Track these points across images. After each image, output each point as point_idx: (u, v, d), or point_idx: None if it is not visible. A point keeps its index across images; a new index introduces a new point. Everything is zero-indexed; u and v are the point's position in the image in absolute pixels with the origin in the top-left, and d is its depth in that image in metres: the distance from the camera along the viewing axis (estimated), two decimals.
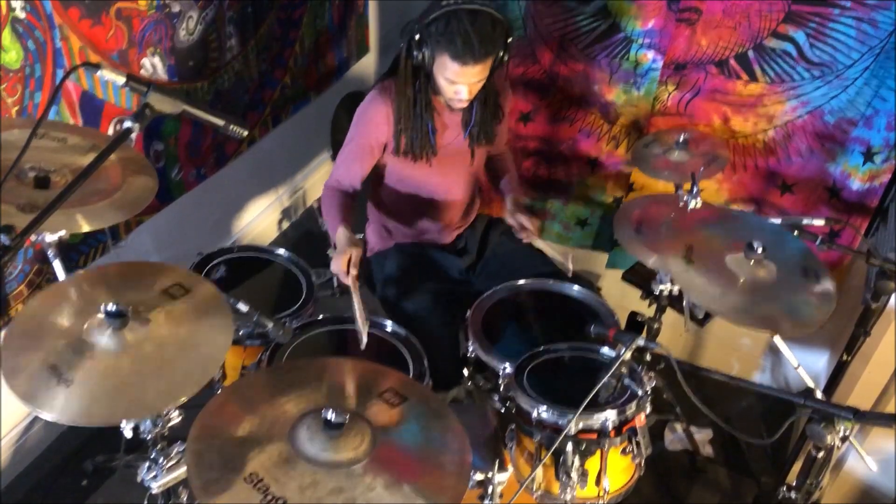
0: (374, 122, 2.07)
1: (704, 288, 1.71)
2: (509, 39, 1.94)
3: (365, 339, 1.83)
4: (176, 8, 2.30)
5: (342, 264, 1.90)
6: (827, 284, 1.76)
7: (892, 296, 1.91)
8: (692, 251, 1.78)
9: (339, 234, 1.99)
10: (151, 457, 1.52)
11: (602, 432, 1.65)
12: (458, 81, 1.92)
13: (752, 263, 1.75)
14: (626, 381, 1.64)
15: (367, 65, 3.52)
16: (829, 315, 1.70)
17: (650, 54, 2.48)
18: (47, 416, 1.27)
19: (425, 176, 2.18)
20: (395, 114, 2.05)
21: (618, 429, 1.66)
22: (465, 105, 2.03)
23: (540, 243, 2.17)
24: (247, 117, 2.83)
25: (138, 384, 1.33)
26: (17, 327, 1.40)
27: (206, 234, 2.86)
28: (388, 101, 2.05)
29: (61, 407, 1.27)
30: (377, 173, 2.21)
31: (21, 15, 1.85)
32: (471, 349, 1.95)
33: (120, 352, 1.36)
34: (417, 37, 1.89)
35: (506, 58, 1.96)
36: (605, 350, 1.83)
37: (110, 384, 1.32)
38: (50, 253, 1.81)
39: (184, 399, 1.32)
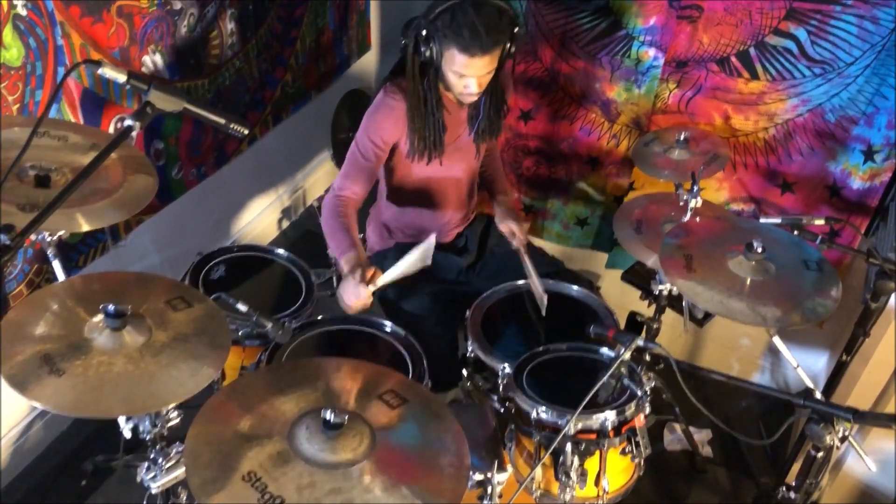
0: (387, 123, 2.04)
1: (711, 295, 1.71)
2: (516, 30, 1.93)
3: None
4: (177, 5, 2.30)
5: (366, 276, 1.83)
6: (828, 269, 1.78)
7: (892, 296, 1.90)
8: (692, 260, 1.78)
9: (352, 260, 1.91)
10: (151, 457, 1.53)
11: (601, 432, 1.65)
12: (468, 74, 1.91)
13: (753, 264, 1.75)
14: (626, 381, 1.64)
15: (369, 63, 3.51)
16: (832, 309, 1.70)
17: (651, 52, 2.48)
18: (35, 403, 1.28)
19: (433, 174, 2.17)
20: (409, 113, 2.03)
21: (617, 429, 1.66)
22: (474, 99, 2.02)
23: (529, 266, 2.13)
24: (247, 116, 2.83)
25: (130, 383, 1.33)
26: (17, 315, 1.41)
27: (206, 234, 2.86)
28: (399, 101, 2.03)
29: (48, 395, 1.28)
30: (384, 173, 2.20)
31: (22, 12, 1.85)
32: (470, 349, 1.95)
33: (116, 351, 1.37)
34: (424, 33, 1.88)
35: (513, 49, 1.95)
36: (605, 350, 1.83)
37: (102, 380, 1.32)
38: (50, 252, 1.81)
39: (173, 404, 1.33)
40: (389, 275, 1.86)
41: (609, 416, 1.64)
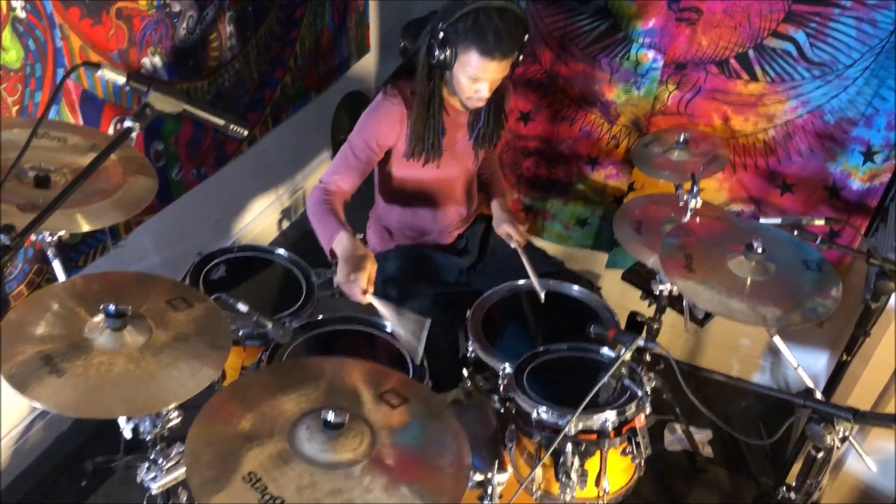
0: (386, 124, 2.04)
1: (711, 295, 1.71)
2: (526, 38, 1.94)
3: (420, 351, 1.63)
4: (176, 7, 2.30)
5: (362, 283, 1.77)
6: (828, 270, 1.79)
7: (892, 296, 1.90)
8: (692, 260, 1.78)
9: (344, 242, 1.87)
10: (151, 457, 1.53)
11: (602, 433, 1.65)
12: (482, 78, 1.91)
13: (753, 264, 1.75)
14: (626, 381, 1.64)
15: (368, 64, 3.52)
16: (833, 310, 1.70)
17: (650, 54, 2.48)
18: (35, 403, 1.28)
19: (431, 177, 2.18)
20: (411, 115, 2.03)
21: (617, 429, 1.66)
22: (482, 104, 2.02)
23: (526, 262, 2.12)
24: (247, 117, 2.83)
25: (130, 384, 1.33)
26: (17, 315, 1.41)
27: (206, 234, 2.87)
28: (398, 104, 2.03)
29: (49, 395, 1.28)
30: (382, 175, 2.20)
31: (21, 14, 1.85)
32: (471, 349, 1.95)
33: (116, 352, 1.36)
34: (441, 35, 1.89)
35: (521, 57, 1.96)
36: (605, 350, 1.83)
37: (102, 380, 1.32)
38: (50, 253, 1.81)
39: (173, 404, 1.33)
40: (381, 307, 1.78)
41: (609, 417, 1.64)
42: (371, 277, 1.81)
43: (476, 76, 1.91)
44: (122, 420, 1.53)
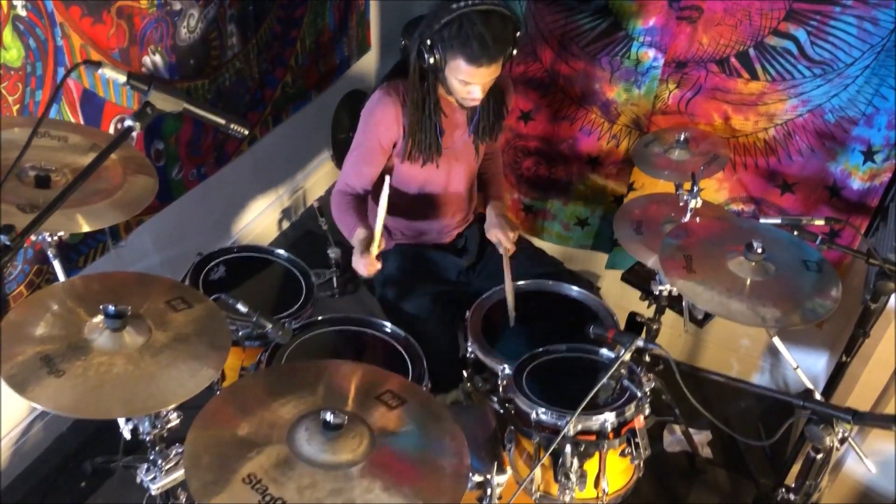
0: (384, 122, 2.05)
1: (711, 296, 1.71)
2: (517, 34, 1.94)
3: None
4: (177, 6, 2.30)
5: (366, 272, 1.93)
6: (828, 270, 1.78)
7: (892, 296, 1.90)
8: (692, 260, 1.78)
9: (359, 235, 1.99)
10: (150, 458, 1.53)
11: (601, 434, 1.65)
12: (473, 82, 1.92)
13: (753, 264, 1.75)
14: (625, 382, 1.64)
15: (368, 63, 3.51)
16: (832, 310, 1.70)
17: (651, 52, 2.48)
18: (35, 403, 1.28)
19: (431, 176, 2.18)
20: (405, 116, 2.04)
21: (616, 430, 1.66)
22: (477, 103, 2.03)
23: (507, 277, 2.10)
24: (247, 116, 2.83)
25: (130, 384, 1.33)
26: (17, 316, 1.41)
27: (206, 234, 2.86)
28: (396, 101, 2.04)
29: (48, 396, 1.28)
30: (381, 174, 2.20)
31: (22, 13, 1.85)
32: (470, 350, 1.95)
33: (115, 352, 1.37)
34: (428, 42, 1.88)
35: (514, 52, 1.96)
36: (605, 351, 1.83)
37: (102, 381, 1.32)
38: (50, 253, 1.81)
39: (173, 405, 1.33)
40: (377, 230, 1.93)
41: (609, 418, 1.64)
42: (364, 244, 1.95)
43: (466, 80, 1.91)
44: (121, 421, 1.53)
